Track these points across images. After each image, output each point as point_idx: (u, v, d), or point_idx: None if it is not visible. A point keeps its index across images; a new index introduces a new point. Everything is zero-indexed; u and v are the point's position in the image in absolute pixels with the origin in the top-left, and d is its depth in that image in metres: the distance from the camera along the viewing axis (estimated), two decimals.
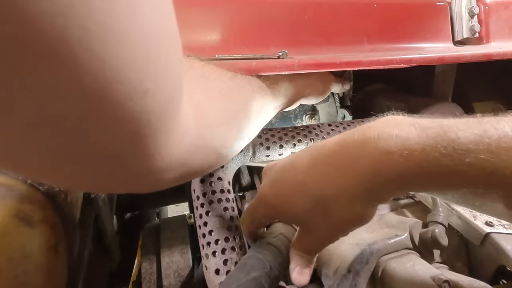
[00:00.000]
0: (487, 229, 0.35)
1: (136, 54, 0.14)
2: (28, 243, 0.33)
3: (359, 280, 0.34)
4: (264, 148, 0.48)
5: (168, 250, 0.52)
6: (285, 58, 0.46)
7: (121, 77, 0.14)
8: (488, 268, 0.35)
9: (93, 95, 0.14)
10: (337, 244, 0.38)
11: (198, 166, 0.27)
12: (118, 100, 0.15)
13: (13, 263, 0.31)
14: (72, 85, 0.13)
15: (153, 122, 0.17)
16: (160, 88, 0.17)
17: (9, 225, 0.32)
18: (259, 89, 0.40)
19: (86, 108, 0.14)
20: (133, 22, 0.14)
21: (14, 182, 0.37)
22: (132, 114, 0.16)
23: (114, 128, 0.16)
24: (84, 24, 0.12)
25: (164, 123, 0.19)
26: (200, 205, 0.41)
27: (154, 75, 0.16)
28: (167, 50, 0.17)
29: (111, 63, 0.13)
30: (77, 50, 0.12)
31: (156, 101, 0.17)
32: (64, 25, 0.11)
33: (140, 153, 0.19)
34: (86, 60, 0.12)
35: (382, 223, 0.40)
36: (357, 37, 0.55)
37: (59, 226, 0.39)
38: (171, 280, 0.49)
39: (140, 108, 0.16)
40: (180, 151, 0.22)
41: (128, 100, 0.15)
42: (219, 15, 0.48)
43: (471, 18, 0.61)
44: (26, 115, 0.13)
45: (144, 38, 0.15)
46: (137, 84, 0.15)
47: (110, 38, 0.13)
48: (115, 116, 0.15)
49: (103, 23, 0.12)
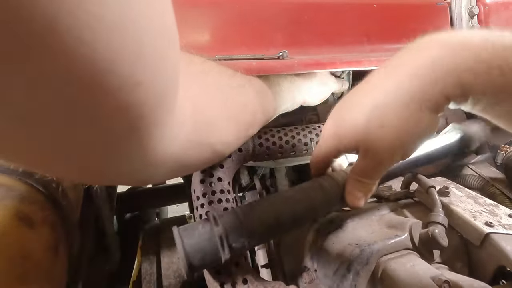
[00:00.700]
0: (487, 230, 0.35)
1: (128, 45, 0.14)
2: (28, 243, 0.33)
3: (359, 281, 0.34)
4: (264, 148, 0.48)
5: (168, 250, 0.52)
6: (285, 58, 0.46)
7: (112, 67, 0.14)
8: (488, 268, 0.35)
9: (83, 84, 0.14)
10: (337, 244, 0.38)
11: (192, 161, 0.27)
12: (109, 91, 0.14)
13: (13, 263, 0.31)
14: (62, 74, 0.13)
15: (146, 115, 0.17)
16: (153, 81, 0.17)
17: (9, 226, 0.32)
18: (260, 89, 0.40)
19: (76, 99, 0.14)
20: (125, 13, 0.14)
21: (14, 182, 0.37)
22: (125, 106, 0.16)
23: (105, 120, 0.16)
24: (75, 13, 0.12)
25: (158, 117, 0.18)
26: (200, 205, 0.41)
27: (147, 68, 0.16)
28: (162, 44, 0.17)
29: (102, 53, 0.13)
30: (67, 39, 0.12)
31: (149, 93, 0.17)
32: (54, 14, 0.11)
33: (133, 147, 0.18)
34: (76, 50, 0.12)
35: (382, 224, 0.40)
36: (357, 37, 0.56)
37: (59, 227, 0.39)
38: (171, 280, 0.49)
39: (133, 100, 0.16)
40: (175, 146, 0.22)
41: (120, 91, 0.15)
42: (219, 16, 0.48)
43: (471, 19, 0.61)
44: (16, 107, 0.13)
45: (137, 30, 0.14)
46: (128, 75, 0.15)
47: (101, 28, 0.13)
48: (107, 107, 0.15)
49: (94, 13, 0.12)
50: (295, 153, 0.50)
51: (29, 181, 0.38)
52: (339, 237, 0.39)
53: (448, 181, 0.47)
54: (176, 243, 0.28)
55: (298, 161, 0.57)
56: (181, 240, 0.28)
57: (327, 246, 0.38)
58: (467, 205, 0.40)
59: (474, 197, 0.42)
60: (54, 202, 0.39)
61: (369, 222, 0.41)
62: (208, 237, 0.29)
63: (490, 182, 0.52)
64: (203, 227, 0.29)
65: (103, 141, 0.17)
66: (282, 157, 0.51)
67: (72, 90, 0.13)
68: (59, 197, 0.40)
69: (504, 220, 0.37)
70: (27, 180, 0.38)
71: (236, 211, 0.31)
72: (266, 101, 0.41)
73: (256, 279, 0.33)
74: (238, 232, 0.30)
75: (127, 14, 0.14)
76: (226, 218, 0.30)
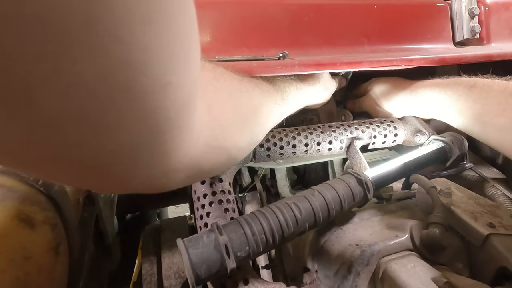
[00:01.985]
0: (488, 231, 0.35)
1: (162, 45, 0.14)
2: (29, 244, 0.33)
3: (359, 281, 0.34)
4: (265, 149, 0.48)
5: (169, 251, 0.52)
6: (285, 59, 0.46)
7: (146, 68, 0.14)
8: (489, 269, 0.35)
9: (118, 87, 0.13)
10: (338, 245, 0.38)
11: (209, 167, 0.27)
12: (142, 93, 0.14)
13: (15, 264, 0.31)
14: (100, 75, 0.12)
15: (172, 118, 0.17)
16: (181, 82, 0.17)
17: (10, 227, 0.32)
18: (267, 94, 0.40)
19: (110, 102, 0.13)
20: (161, 9, 0.13)
21: (15, 183, 0.37)
22: (153, 109, 0.15)
23: (134, 123, 0.15)
24: (113, 8, 0.11)
25: (182, 120, 0.18)
26: (201, 206, 0.41)
27: (177, 68, 0.16)
28: (190, 44, 0.17)
29: (138, 52, 0.13)
30: (105, 38, 0.11)
31: (178, 95, 0.17)
32: (92, 11, 0.11)
33: (157, 152, 0.18)
34: (115, 49, 0.12)
35: (383, 224, 0.40)
36: (358, 38, 0.56)
37: (60, 227, 0.39)
38: (171, 281, 0.49)
39: (161, 103, 0.16)
40: (195, 151, 0.22)
41: (151, 93, 0.15)
42: (220, 17, 0.49)
43: (472, 19, 0.61)
44: (45, 111, 0.12)
45: (170, 29, 0.14)
46: (160, 75, 0.15)
47: (138, 25, 0.12)
48: (137, 110, 0.15)
49: (131, 8, 0.12)
50: (296, 153, 0.50)
51: (30, 182, 0.38)
52: (340, 238, 0.38)
53: (449, 182, 0.47)
54: (182, 254, 0.28)
55: (299, 161, 0.57)
56: (187, 251, 0.28)
57: (327, 247, 0.38)
58: (468, 206, 0.40)
59: (475, 198, 0.42)
60: (55, 202, 0.39)
61: (369, 223, 0.41)
62: (213, 247, 0.29)
63: (491, 183, 0.52)
64: (208, 237, 0.29)
65: (130, 145, 0.16)
66: (282, 157, 0.51)
67: (106, 92, 0.13)
68: (60, 198, 0.40)
69: (505, 221, 0.37)
70: (28, 181, 0.38)
71: (239, 220, 0.31)
72: (274, 106, 0.41)
73: (257, 280, 0.33)
74: (243, 240, 0.30)
75: (162, 10, 0.13)
76: (231, 227, 0.30)
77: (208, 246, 0.29)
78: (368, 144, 0.55)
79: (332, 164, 0.62)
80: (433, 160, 0.49)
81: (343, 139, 0.52)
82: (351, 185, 0.37)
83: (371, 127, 0.54)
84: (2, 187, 0.35)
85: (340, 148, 0.53)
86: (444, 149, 0.50)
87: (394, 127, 0.55)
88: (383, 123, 0.56)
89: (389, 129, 0.55)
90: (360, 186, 0.38)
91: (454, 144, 0.50)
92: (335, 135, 0.52)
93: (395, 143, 0.57)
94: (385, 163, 0.45)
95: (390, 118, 0.58)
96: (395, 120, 0.57)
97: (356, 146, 0.52)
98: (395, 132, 0.55)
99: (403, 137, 0.56)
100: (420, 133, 0.55)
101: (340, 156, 0.59)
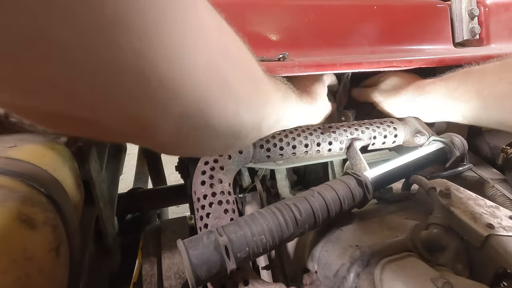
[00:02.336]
0: (488, 232, 0.35)
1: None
2: (30, 245, 0.33)
3: (359, 282, 0.34)
4: (265, 150, 0.48)
5: (169, 252, 0.52)
6: (285, 60, 0.46)
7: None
8: (488, 270, 0.35)
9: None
10: (337, 246, 0.38)
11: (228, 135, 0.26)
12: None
13: (15, 265, 0.31)
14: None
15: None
16: None
17: (11, 227, 0.33)
18: (275, 86, 0.38)
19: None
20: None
21: (16, 184, 0.37)
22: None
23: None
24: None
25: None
26: (201, 207, 0.41)
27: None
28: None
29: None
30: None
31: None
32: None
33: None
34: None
35: (383, 225, 0.40)
36: (358, 39, 0.56)
37: (61, 228, 0.39)
38: (171, 281, 0.49)
39: None
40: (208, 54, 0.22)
41: None
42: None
43: (471, 20, 0.61)
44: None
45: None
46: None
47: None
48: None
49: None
50: (296, 154, 0.50)
51: (30, 183, 0.38)
52: (340, 239, 0.39)
53: (449, 182, 0.47)
54: (182, 255, 0.28)
55: (299, 162, 0.57)
56: (187, 252, 0.28)
57: (327, 248, 0.38)
58: (468, 207, 0.40)
59: (474, 199, 0.42)
60: (55, 203, 0.39)
61: (369, 224, 0.41)
62: (213, 248, 0.29)
63: (491, 184, 0.52)
64: (208, 238, 0.29)
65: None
66: (282, 158, 0.51)
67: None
68: (61, 199, 0.41)
69: (504, 222, 0.37)
70: (29, 182, 0.38)
71: (239, 221, 0.32)
72: (275, 101, 0.40)
73: (256, 280, 0.33)
74: (243, 241, 0.30)
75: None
76: (231, 228, 0.31)
77: (208, 247, 0.29)
78: (368, 145, 0.55)
79: (332, 165, 0.62)
80: (433, 160, 0.49)
81: (343, 140, 0.52)
82: (351, 186, 0.37)
83: (371, 128, 0.54)
84: (3, 188, 0.35)
85: (340, 149, 0.53)
86: (443, 150, 0.50)
87: (394, 127, 0.55)
88: (383, 124, 0.56)
89: (389, 130, 0.55)
90: (360, 187, 0.38)
91: (454, 145, 0.50)
92: (335, 136, 0.52)
93: (395, 143, 0.57)
94: (385, 164, 0.45)
95: (390, 119, 0.58)
96: (395, 120, 0.57)
97: (356, 147, 0.52)
98: (395, 133, 0.55)
99: (403, 138, 0.56)
100: (420, 133, 0.55)
101: (340, 157, 0.59)
